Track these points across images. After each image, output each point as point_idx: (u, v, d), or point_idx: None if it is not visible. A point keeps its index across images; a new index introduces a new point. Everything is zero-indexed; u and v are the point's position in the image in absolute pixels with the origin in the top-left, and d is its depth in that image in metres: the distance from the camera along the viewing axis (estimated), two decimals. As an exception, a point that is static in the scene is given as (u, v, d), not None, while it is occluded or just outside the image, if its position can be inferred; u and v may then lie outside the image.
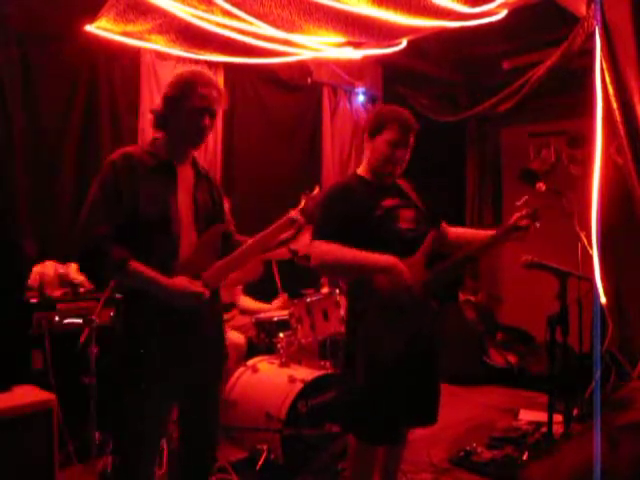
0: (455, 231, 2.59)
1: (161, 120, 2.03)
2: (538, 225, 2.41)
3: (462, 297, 5.61)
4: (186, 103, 1.97)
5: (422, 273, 2.28)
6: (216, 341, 2.11)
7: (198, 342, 1.97)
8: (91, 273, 3.17)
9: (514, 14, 3.36)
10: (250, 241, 2.08)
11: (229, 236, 2.19)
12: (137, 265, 1.84)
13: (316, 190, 2.20)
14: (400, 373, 2.25)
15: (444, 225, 2.56)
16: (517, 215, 2.42)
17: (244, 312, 4.06)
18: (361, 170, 2.46)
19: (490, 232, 2.50)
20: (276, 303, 4.04)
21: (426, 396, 2.38)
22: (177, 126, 2.00)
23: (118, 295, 2.23)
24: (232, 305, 4.03)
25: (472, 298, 5.62)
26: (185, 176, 2.03)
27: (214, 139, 4.47)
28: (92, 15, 3.19)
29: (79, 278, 3.42)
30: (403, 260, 2.24)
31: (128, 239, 1.87)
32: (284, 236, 2.18)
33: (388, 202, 2.34)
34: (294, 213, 2.11)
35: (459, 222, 6.14)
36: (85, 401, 2.89)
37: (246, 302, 4.13)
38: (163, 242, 1.92)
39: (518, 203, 2.43)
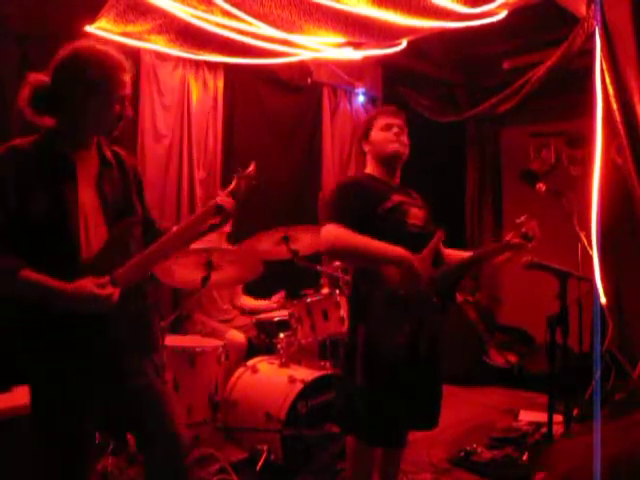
0: (447, 251, 2.58)
1: (52, 101, 1.78)
2: (531, 246, 2.39)
3: (460, 297, 5.61)
4: (105, 90, 1.78)
5: (429, 270, 2.28)
6: (135, 341, 1.87)
7: (109, 346, 1.77)
8: None
9: (514, 14, 3.36)
10: (172, 231, 1.89)
11: (151, 225, 2.01)
12: (29, 273, 1.62)
13: (250, 167, 2.06)
14: (400, 373, 2.24)
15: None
16: (511, 235, 2.41)
17: (244, 312, 4.06)
18: (369, 169, 2.48)
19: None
20: (275, 299, 4.03)
21: (427, 398, 2.37)
22: (83, 112, 1.77)
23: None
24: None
25: (470, 298, 5.62)
26: (86, 167, 1.81)
27: (214, 139, 4.47)
28: (92, 15, 3.19)
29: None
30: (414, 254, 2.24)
31: (20, 244, 1.66)
32: (209, 223, 1.96)
33: (398, 197, 2.36)
34: (220, 198, 1.95)
35: (459, 222, 6.16)
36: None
37: (246, 301, 4.13)
38: (60, 245, 1.70)
39: (517, 221, 2.43)
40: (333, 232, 2.22)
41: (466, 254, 2.50)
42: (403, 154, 2.44)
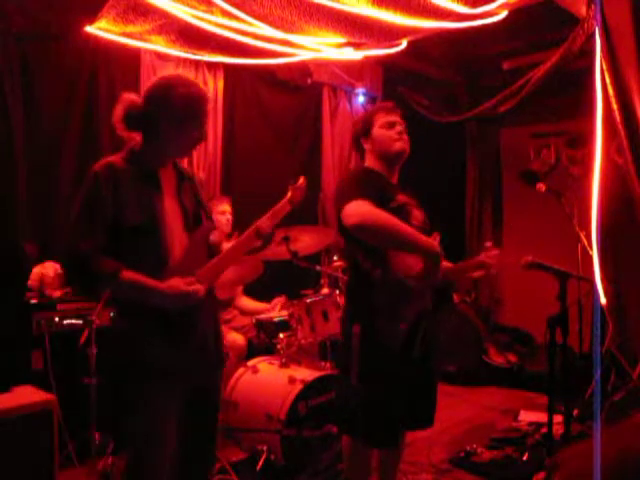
0: None
1: (143, 123, 1.97)
2: (494, 272, 2.51)
3: (457, 298, 5.61)
4: (190, 120, 1.96)
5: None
6: (215, 341, 2.09)
7: (198, 341, 1.97)
8: (80, 288, 2.97)
9: (514, 14, 3.36)
10: (241, 237, 2.11)
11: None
12: (129, 274, 1.83)
13: (300, 180, 2.24)
14: (395, 372, 2.24)
15: None
16: (474, 261, 2.51)
17: (244, 313, 4.06)
18: (369, 163, 2.46)
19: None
20: (275, 303, 4.03)
21: (422, 398, 2.38)
22: (168, 137, 1.97)
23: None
24: (231, 300, 4.02)
25: (467, 298, 5.62)
26: (168, 181, 2.03)
27: (214, 139, 4.47)
28: (92, 16, 3.20)
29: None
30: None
31: (117, 248, 1.86)
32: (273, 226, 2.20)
33: (402, 197, 2.35)
34: (282, 204, 2.18)
35: (459, 222, 6.16)
36: (85, 401, 2.90)
37: (246, 302, 4.13)
38: (152, 248, 1.91)
39: (486, 244, 2.54)
40: (363, 207, 2.15)
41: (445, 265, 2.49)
42: (406, 152, 2.43)
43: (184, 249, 1.97)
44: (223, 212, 3.84)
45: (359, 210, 2.15)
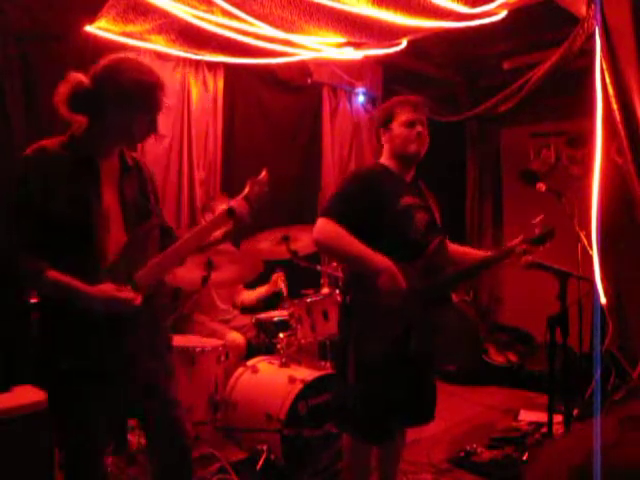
0: (454, 248, 2.60)
1: (89, 105, 1.79)
2: (530, 258, 2.45)
3: (456, 298, 5.61)
4: (141, 106, 1.81)
5: (420, 279, 2.28)
6: (152, 343, 1.95)
7: (128, 350, 1.83)
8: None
9: (514, 14, 3.36)
10: (185, 236, 1.94)
11: (168, 232, 2.05)
12: (54, 275, 1.68)
13: (262, 174, 2.08)
14: (389, 372, 2.25)
15: (446, 240, 2.57)
16: (516, 241, 2.46)
17: (245, 309, 4.05)
18: (384, 159, 2.44)
19: (485, 253, 2.57)
20: (275, 279, 3.92)
21: (418, 396, 2.38)
22: (114, 122, 1.80)
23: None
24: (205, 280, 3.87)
25: (466, 298, 5.62)
26: (110, 171, 1.86)
27: (214, 139, 4.47)
28: (92, 15, 3.20)
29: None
30: (405, 263, 2.24)
31: (46, 244, 1.71)
32: (225, 230, 2.01)
33: (407, 200, 2.33)
34: (234, 202, 1.96)
35: (459, 222, 6.15)
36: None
37: (247, 294, 4.11)
38: (84, 246, 1.76)
39: (534, 221, 2.47)
40: (326, 226, 2.22)
41: (479, 254, 2.53)
42: (421, 154, 2.41)
43: (121, 248, 1.81)
44: None
45: (319, 230, 2.23)
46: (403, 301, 2.20)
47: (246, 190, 2.00)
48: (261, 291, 4.07)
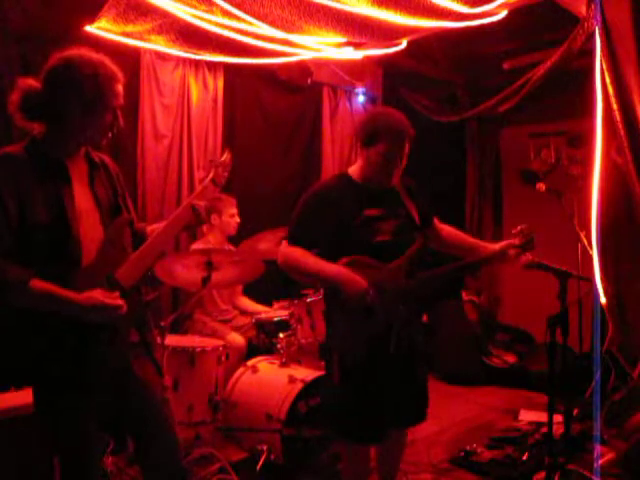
0: (447, 229, 2.66)
1: (42, 108, 1.74)
2: (530, 256, 2.54)
3: (466, 297, 5.61)
4: (97, 101, 1.74)
5: (400, 280, 2.29)
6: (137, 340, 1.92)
7: (114, 359, 1.81)
8: None
9: (514, 14, 3.36)
10: (161, 227, 1.91)
11: (131, 225, 2.00)
12: (39, 284, 1.63)
13: (225, 155, 2.06)
14: (371, 374, 2.26)
15: (436, 223, 2.60)
16: (507, 243, 2.54)
17: (244, 312, 4.05)
18: (353, 171, 2.42)
19: (479, 243, 2.72)
20: (276, 307, 4.01)
21: (408, 396, 2.38)
22: (74, 124, 1.75)
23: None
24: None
25: (475, 299, 5.62)
26: (78, 171, 1.82)
27: (214, 139, 4.47)
28: (92, 15, 3.20)
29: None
30: (381, 264, 2.27)
31: (23, 251, 1.65)
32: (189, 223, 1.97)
33: (370, 212, 2.32)
34: (205, 185, 2.00)
35: (459, 222, 6.15)
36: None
37: (245, 303, 4.12)
38: (62, 249, 1.71)
39: (514, 231, 2.55)
40: (281, 252, 2.34)
41: (489, 247, 2.63)
42: (390, 184, 2.38)
43: (99, 247, 1.78)
44: (232, 215, 3.83)
45: (281, 254, 2.34)
46: (379, 301, 2.22)
47: (212, 174, 2.04)
48: (259, 309, 4.04)
